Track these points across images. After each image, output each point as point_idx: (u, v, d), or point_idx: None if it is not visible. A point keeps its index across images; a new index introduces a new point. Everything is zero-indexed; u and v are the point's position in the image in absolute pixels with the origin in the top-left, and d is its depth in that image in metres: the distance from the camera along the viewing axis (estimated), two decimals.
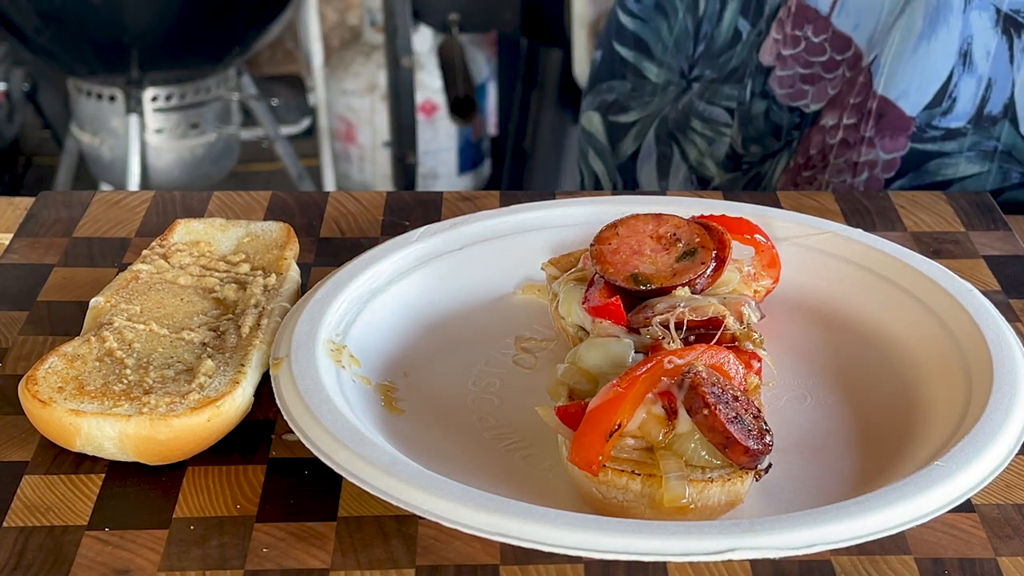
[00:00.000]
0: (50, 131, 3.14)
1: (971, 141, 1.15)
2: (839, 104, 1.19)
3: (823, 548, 0.66)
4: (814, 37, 1.18)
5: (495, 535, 0.67)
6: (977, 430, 0.73)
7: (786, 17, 1.18)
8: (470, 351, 0.87)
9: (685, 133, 1.28)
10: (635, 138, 1.35)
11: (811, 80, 1.19)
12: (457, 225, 0.93)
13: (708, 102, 1.26)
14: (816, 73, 1.18)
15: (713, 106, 1.26)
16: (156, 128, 2.69)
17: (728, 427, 0.70)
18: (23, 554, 0.70)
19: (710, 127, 1.26)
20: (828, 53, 1.17)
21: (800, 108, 1.21)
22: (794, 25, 1.18)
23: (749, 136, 1.24)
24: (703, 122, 1.27)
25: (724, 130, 1.25)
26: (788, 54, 1.19)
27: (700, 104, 1.27)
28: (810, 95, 1.20)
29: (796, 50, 1.18)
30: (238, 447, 0.78)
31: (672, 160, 1.30)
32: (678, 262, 0.83)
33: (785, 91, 1.20)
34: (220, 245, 0.93)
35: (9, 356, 0.86)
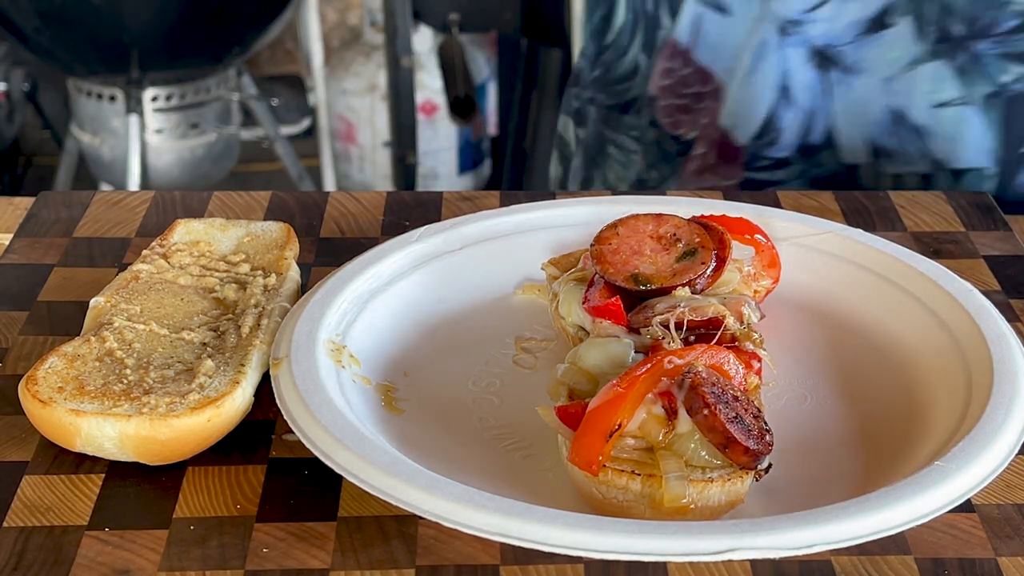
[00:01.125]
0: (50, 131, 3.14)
1: (799, 169, 1.20)
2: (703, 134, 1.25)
3: (823, 548, 0.66)
4: (682, 70, 1.23)
5: (495, 535, 0.67)
6: (977, 430, 0.73)
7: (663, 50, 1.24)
8: (470, 351, 0.87)
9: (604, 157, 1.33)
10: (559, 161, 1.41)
11: (685, 110, 1.24)
12: (457, 225, 0.93)
13: (614, 130, 1.31)
14: (687, 104, 1.23)
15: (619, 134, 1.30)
16: (156, 128, 2.69)
17: (728, 427, 0.70)
18: (23, 554, 0.70)
19: (623, 153, 1.31)
20: (694, 86, 1.23)
21: (680, 136, 1.26)
22: (669, 57, 1.23)
23: (649, 162, 1.29)
24: (616, 148, 1.31)
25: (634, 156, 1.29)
26: (665, 84, 1.24)
27: (608, 131, 1.32)
28: (686, 124, 1.25)
29: (671, 81, 1.24)
30: (238, 447, 0.78)
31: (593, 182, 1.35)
32: (678, 262, 0.83)
33: (667, 120, 1.26)
34: (220, 245, 0.93)
35: (9, 356, 0.86)
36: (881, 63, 1.14)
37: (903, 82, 1.13)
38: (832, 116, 1.17)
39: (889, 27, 1.12)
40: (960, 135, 1.14)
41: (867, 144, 1.18)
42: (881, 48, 1.13)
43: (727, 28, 1.19)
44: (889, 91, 1.14)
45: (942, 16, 1.09)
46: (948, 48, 1.10)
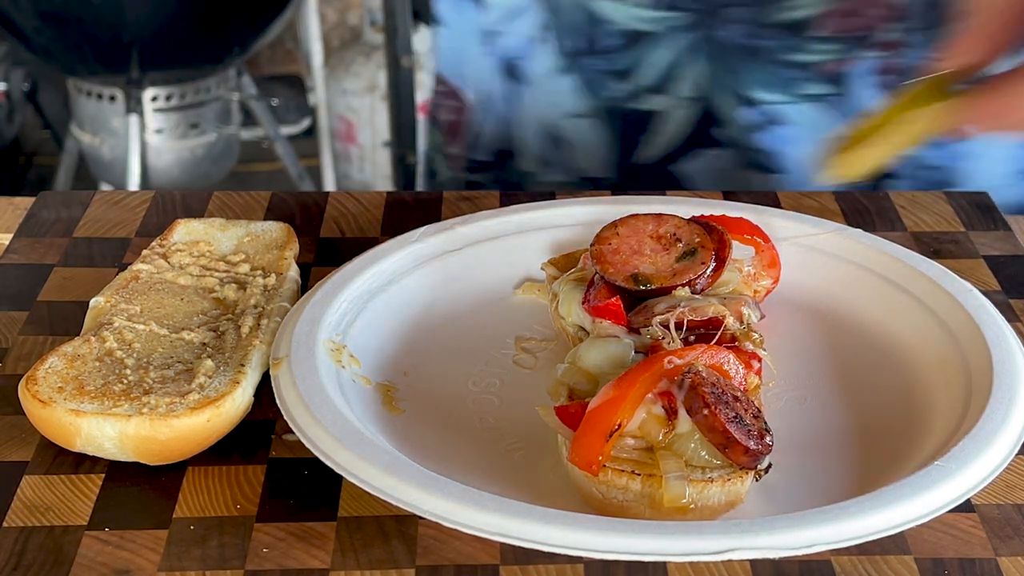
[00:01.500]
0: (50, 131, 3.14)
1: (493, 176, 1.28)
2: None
3: (823, 548, 0.66)
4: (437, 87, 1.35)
5: (495, 535, 0.67)
6: (977, 430, 0.73)
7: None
8: (470, 351, 0.87)
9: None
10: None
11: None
12: (457, 225, 0.93)
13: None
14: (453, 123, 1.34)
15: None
16: (156, 128, 2.69)
17: (728, 427, 0.70)
18: (23, 554, 0.70)
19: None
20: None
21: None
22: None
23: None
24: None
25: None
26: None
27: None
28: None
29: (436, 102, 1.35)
30: (238, 447, 0.78)
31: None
32: (678, 262, 0.83)
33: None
34: (220, 245, 0.93)
35: (9, 356, 0.86)
36: (539, 77, 1.21)
37: (551, 95, 1.21)
38: (516, 125, 1.24)
39: (544, 43, 1.19)
40: (588, 145, 1.21)
41: (535, 155, 1.24)
42: (538, 62, 1.20)
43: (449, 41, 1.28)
44: (544, 103, 1.22)
45: (570, 33, 1.16)
46: (575, 63, 1.17)
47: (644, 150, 1.18)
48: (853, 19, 1.10)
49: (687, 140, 1.18)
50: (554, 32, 1.17)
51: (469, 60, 1.25)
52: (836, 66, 1.12)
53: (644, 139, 1.18)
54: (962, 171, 1.17)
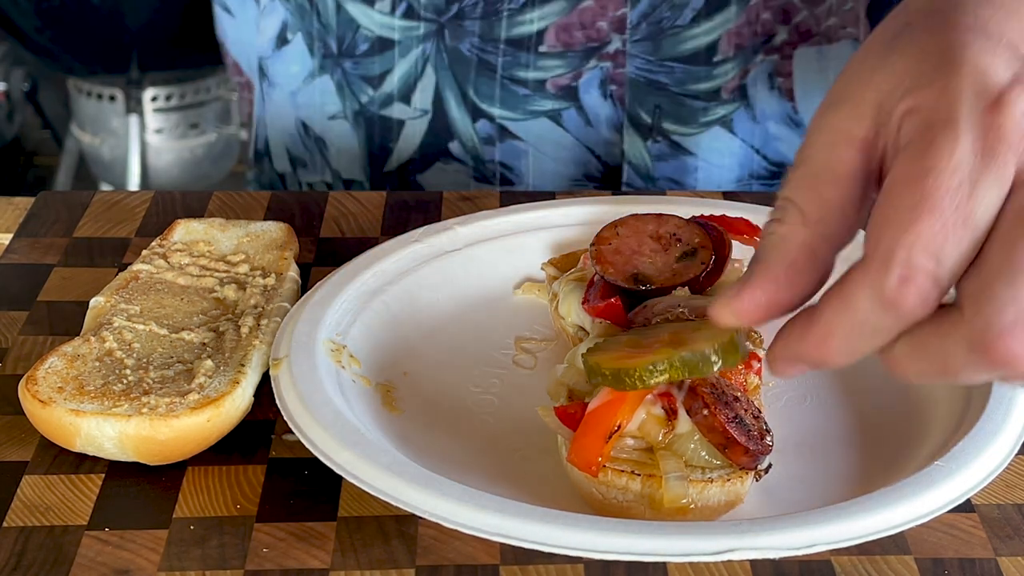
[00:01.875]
0: (50, 131, 3.13)
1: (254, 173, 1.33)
2: None
3: (823, 548, 0.66)
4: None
5: (495, 535, 0.67)
6: (977, 430, 0.73)
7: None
8: (470, 351, 0.87)
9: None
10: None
11: None
12: (457, 225, 0.93)
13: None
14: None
15: None
16: (156, 128, 2.69)
17: (728, 427, 0.70)
18: (23, 554, 0.70)
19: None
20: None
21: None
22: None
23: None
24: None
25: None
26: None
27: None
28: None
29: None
30: (238, 447, 0.78)
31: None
32: (678, 262, 0.83)
33: None
34: (220, 245, 0.93)
35: (9, 356, 0.86)
36: (287, 77, 1.22)
37: (304, 95, 1.21)
38: (265, 126, 1.26)
39: (288, 43, 1.20)
40: (345, 148, 1.22)
41: (287, 154, 1.26)
42: (285, 63, 1.21)
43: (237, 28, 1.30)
44: (295, 104, 1.22)
45: (322, 34, 1.17)
46: (330, 64, 1.18)
47: (393, 157, 1.20)
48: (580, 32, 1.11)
49: (424, 150, 1.18)
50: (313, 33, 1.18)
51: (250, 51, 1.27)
52: (566, 80, 1.13)
53: (392, 146, 1.19)
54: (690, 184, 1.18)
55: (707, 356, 0.71)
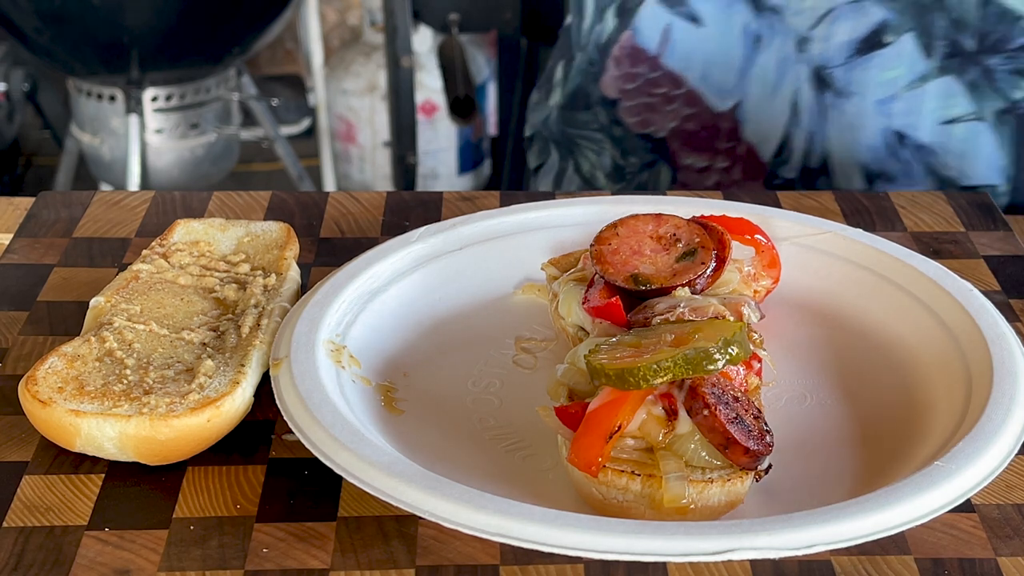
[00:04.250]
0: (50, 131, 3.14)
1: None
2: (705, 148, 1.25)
3: (823, 548, 0.66)
4: (650, 74, 1.24)
5: (495, 535, 0.67)
6: (977, 430, 0.73)
7: (622, 55, 1.25)
8: (470, 351, 0.87)
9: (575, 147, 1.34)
10: (537, 155, 1.42)
11: (654, 109, 1.25)
12: (457, 225, 0.93)
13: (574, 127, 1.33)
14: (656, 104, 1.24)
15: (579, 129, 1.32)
16: (156, 128, 2.69)
17: (728, 428, 0.70)
18: (23, 554, 0.70)
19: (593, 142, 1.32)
20: (664, 88, 1.24)
21: (650, 134, 1.27)
22: (631, 63, 1.24)
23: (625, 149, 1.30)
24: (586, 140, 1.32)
25: (604, 146, 1.31)
26: (630, 87, 1.25)
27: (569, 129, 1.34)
28: (655, 123, 1.26)
29: (636, 84, 1.24)
30: (238, 447, 0.78)
31: (566, 173, 1.36)
32: (678, 262, 0.83)
33: (634, 119, 1.27)
34: (220, 245, 0.93)
35: (9, 356, 0.86)
36: (874, 85, 1.13)
37: (905, 101, 1.12)
38: (827, 140, 1.18)
39: (884, 46, 1.11)
40: (971, 152, 1.13)
41: (861, 169, 1.18)
42: (874, 69, 1.13)
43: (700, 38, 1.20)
44: (886, 112, 1.14)
45: (952, 31, 1.08)
46: (958, 63, 1.09)
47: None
48: None
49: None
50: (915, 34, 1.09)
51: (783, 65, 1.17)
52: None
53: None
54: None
55: (710, 354, 0.71)
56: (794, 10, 1.14)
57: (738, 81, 1.20)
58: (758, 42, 1.17)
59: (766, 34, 1.17)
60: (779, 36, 1.16)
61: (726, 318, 0.78)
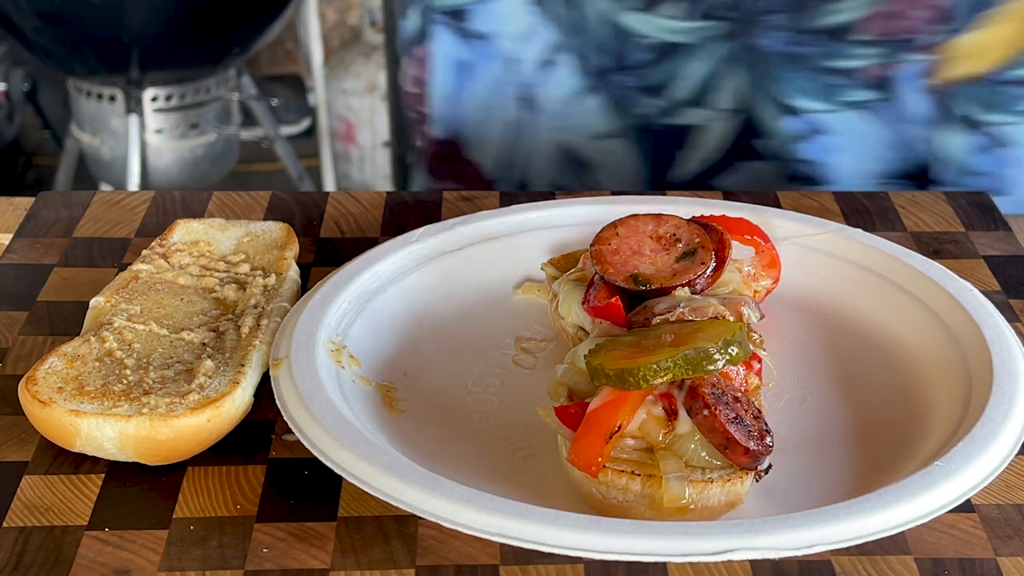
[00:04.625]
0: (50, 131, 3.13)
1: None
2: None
3: (823, 548, 0.66)
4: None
5: (495, 536, 0.67)
6: (977, 430, 0.73)
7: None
8: (470, 351, 0.87)
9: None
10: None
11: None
12: (457, 225, 0.93)
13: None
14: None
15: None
16: (156, 128, 2.69)
17: (728, 428, 0.70)
18: (23, 554, 0.70)
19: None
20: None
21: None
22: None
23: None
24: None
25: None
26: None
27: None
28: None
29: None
30: (238, 447, 0.78)
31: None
32: (678, 262, 0.83)
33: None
34: (220, 245, 0.93)
35: (9, 356, 0.86)
36: (553, 101, 1.19)
37: (570, 118, 1.18)
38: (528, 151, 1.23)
39: (556, 65, 1.17)
40: (617, 166, 1.19)
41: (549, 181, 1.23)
42: (551, 86, 1.18)
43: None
44: (559, 128, 1.19)
45: (596, 52, 1.14)
46: (600, 82, 1.14)
47: (681, 166, 1.16)
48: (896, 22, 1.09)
49: (727, 153, 1.15)
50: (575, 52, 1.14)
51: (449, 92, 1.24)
52: (880, 71, 1.10)
53: (681, 155, 1.16)
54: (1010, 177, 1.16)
55: (710, 354, 0.71)
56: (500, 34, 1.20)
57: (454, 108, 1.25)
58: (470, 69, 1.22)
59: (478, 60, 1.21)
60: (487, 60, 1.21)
61: (726, 318, 0.78)
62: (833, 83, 1.11)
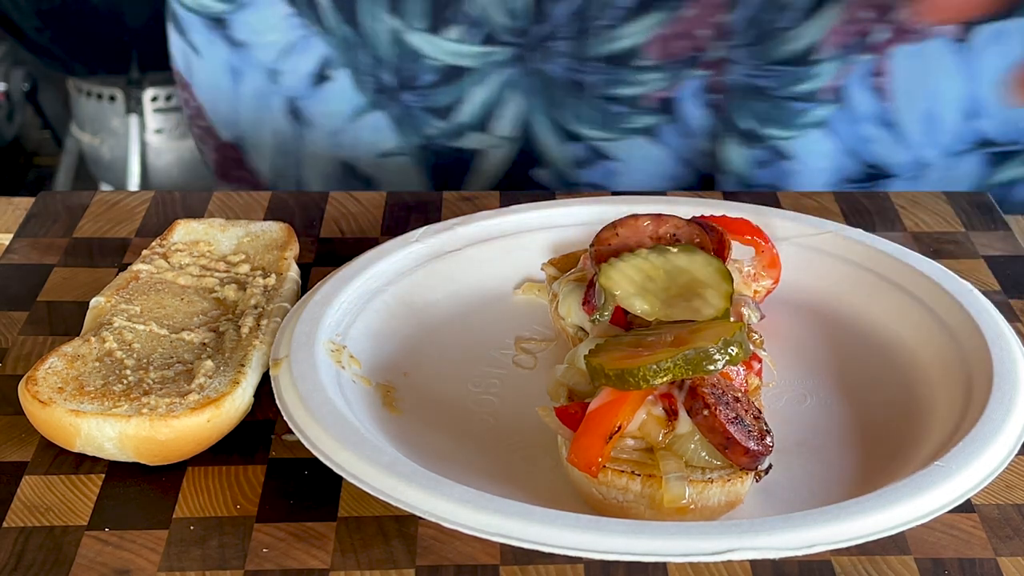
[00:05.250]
0: (50, 131, 3.13)
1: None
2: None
3: (823, 548, 0.66)
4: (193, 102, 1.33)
5: (495, 535, 0.67)
6: (977, 430, 0.73)
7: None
8: (470, 351, 0.87)
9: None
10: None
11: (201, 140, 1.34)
12: (457, 225, 0.93)
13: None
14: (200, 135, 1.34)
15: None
16: (156, 128, 2.69)
17: (728, 428, 0.70)
18: (23, 554, 0.70)
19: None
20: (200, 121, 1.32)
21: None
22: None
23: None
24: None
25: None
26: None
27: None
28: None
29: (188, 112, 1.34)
30: (238, 447, 0.78)
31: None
32: None
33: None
34: (220, 245, 0.93)
35: (9, 356, 0.86)
36: (328, 116, 1.17)
37: (349, 133, 1.17)
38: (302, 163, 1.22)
39: (328, 80, 1.16)
40: (400, 185, 1.18)
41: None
42: (326, 102, 1.17)
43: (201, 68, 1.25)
44: (337, 144, 1.18)
45: (375, 68, 1.12)
46: (385, 99, 1.13)
47: (465, 189, 1.15)
48: (680, 42, 1.08)
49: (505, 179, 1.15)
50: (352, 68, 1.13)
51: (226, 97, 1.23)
52: (664, 93, 1.10)
53: (465, 178, 1.16)
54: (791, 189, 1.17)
55: (710, 354, 0.71)
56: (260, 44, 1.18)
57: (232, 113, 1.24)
58: (240, 75, 1.21)
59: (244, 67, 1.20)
60: (252, 69, 1.20)
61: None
62: (616, 111, 1.11)
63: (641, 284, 0.79)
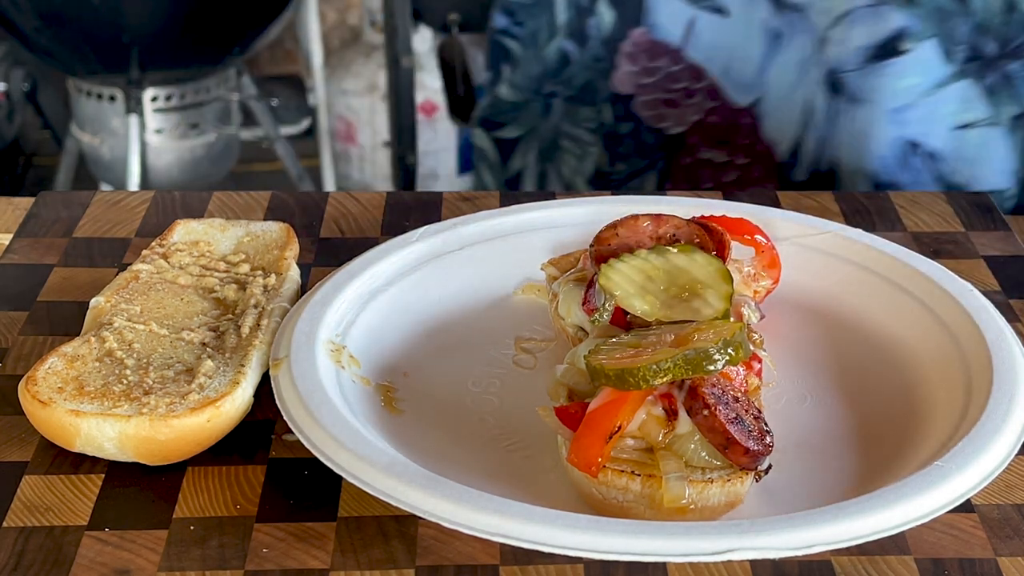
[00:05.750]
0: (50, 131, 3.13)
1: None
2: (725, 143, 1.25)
3: (823, 548, 0.66)
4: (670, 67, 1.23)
5: (495, 536, 0.67)
6: (977, 430, 0.73)
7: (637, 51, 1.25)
8: (470, 351, 0.87)
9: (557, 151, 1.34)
10: (522, 156, 1.41)
11: (672, 104, 1.25)
12: (457, 225, 0.93)
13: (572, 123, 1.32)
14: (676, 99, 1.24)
15: (576, 127, 1.32)
16: (156, 128, 2.69)
17: (728, 428, 0.70)
18: (23, 554, 0.70)
19: (577, 145, 1.32)
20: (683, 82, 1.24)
21: (663, 129, 1.27)
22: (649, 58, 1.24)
23: (616, 155, 1.30)
24: (571, 141, 1.32)
25: (591, 149, 1.30)
26: (647, 82, 1.25)
27: (565, 124, 1.33)
28: (671, 118, 1.26)
29: (654, 79, 1.24)
30: (238, 447, 0.78)
31: (548, 177, 1.36)
32: None
33: (649, 113, 1.27)
34: (220, 245, 0.93)
35: (9, 356, 0.86)
36: (888, 92, 1.11)
37: (920, 108, 1.11)
38: (838, 147, 1.17)
39: (900, 54, 1.10)
40: (982, 157, 1.12)
41: (868, 179, 1.17)
42: (888, 77, 1.11)
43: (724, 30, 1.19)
44: (899, 121, 1.12)
45: (974, 35, 1.07)
46: (977, 68, 1.08)
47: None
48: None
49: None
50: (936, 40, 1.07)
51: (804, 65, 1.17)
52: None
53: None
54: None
55: (710, 354, 0.71)
56: (817, 9, 1.13)
57: (757, 77, 1.20)
58: (778, 39, 1.16)
59: (786, 31, 1.16)
60: (799, 34, 1.15)
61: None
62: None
63: (641, 284, 0.79)
